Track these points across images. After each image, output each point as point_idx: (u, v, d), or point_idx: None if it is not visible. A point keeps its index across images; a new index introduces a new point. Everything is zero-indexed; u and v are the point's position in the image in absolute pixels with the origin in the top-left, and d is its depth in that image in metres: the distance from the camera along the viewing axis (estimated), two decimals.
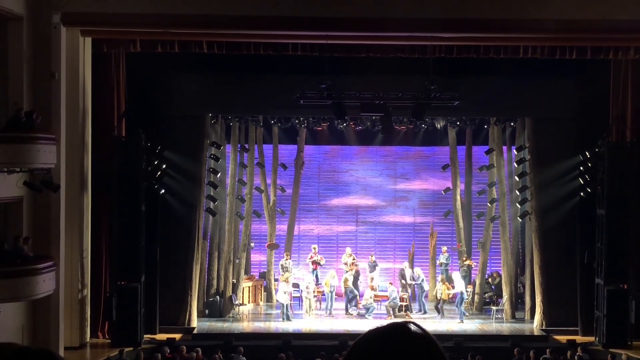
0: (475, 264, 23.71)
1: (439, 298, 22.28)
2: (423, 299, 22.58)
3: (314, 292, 22.20)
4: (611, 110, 20.09)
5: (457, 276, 22.57)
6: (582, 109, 20.54)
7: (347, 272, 23.15)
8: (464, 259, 23.62)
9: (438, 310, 22.22)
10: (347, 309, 22.30)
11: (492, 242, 23.37)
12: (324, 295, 22.84)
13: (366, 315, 21.86)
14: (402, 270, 22.98)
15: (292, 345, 18.93)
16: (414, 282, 22.81)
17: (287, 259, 23.32)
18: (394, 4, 17.53)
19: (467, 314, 22.29)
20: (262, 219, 24.26)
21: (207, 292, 22.34)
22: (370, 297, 22.13)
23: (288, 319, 21.41)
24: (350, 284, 22.43)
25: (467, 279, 23.48)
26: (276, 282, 22.67)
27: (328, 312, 22.08)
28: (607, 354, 18.16)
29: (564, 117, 20.94)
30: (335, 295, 22.54)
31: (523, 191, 21.77)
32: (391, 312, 21.88)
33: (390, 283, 22.63)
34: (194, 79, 20.73)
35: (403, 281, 22.78)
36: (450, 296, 22.57)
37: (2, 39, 16.51)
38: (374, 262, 23.30)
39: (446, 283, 22.47)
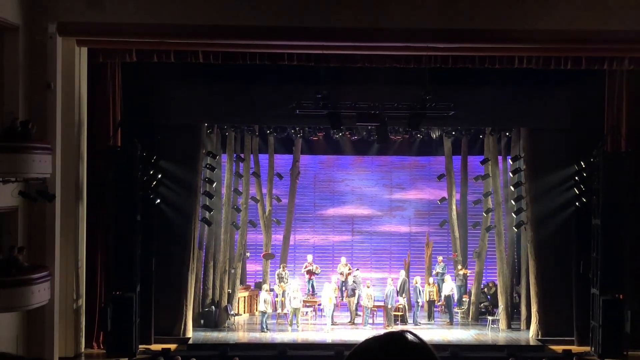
0: (470, 273, 23.73)
1: (429, 300, 22.83)
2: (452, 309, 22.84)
3: (301, 301, 22.06)
4: (606, 120, 20.14)
5: (448, 278, 22.77)
6: (577, 119, 20.59)
7: (343, 281, 23.19)
8: (460, 268, 23.65)
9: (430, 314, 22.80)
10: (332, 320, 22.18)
11: (488, 251, 23.37)
12: (320, 305, 22.79)
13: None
14: (404, 282, 22.92)
15: (288, 355, 18.88)
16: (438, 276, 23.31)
17: (283, 269, 23.30)
18: (390, 14, 17.57)
19: (459, 320, 22.48)
20: (257, 228, 24.22)
21: (203, 302, 22.29)
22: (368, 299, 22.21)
23: (267, 328, 21.37)
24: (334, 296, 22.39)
25: (463, 288, 23.51)
26: (271, 292, 22.63)
27: (329, 324, 21.92)
28: None
29: (559, 127, 20.98)
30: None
31: (518, 201, 21.79)
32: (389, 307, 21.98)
33: (392, 280, 22.60)
34: (189, 88, 20.73)
35: (403, 294, 22.73)
36: (440, 302, 22.87)
37: None
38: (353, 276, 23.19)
39: (435, 285, 22.89)
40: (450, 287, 22.72)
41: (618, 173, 19.20)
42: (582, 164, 19.98)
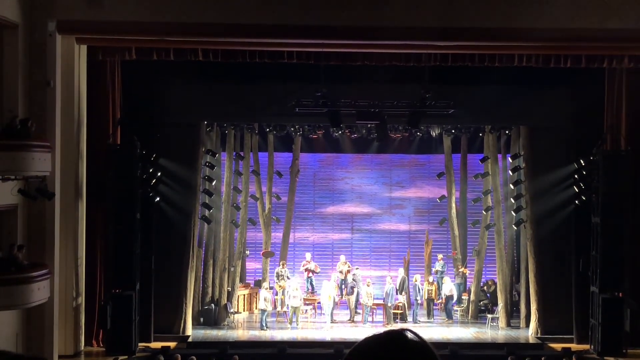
0: (470, 272, 23.74)
1: (428, 298, 22.83)
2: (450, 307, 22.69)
3: (301, 300, 21.99)
4: (606, 119, 20.14)
5: (447, 280, 22.80)
6: (577, 117, 20.59)
7: (342, 280, 23.19)
8: (459, 266, 23.63)
9: (429, 312, 22.82)
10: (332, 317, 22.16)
11: (487, 249, 23.37)
12: (319, 303, 22.79)
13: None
14: (404, 280, 22.91)
15: (287, 353, 18.89)
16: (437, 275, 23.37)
17: (283, 267, 23.28)
18: (390, 13, 17.56)
19: (458, 318, 22.47)
20: (257, 226, 24.22)
21: (202, 300, 22.29)
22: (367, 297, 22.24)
23: (267, 326, 21.34)
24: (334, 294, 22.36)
25: (463, 286, 23.51)
26: (271, 290, 22.61)
27: (329, 322, 21.91)
28: None
29: (558, 125, 20.98)
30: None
31: (518, 199, 21.80)
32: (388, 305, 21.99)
33: (391, 278, 22.59)
34: (189, 86, 20.72)
35: (402, 292, 22.74)
36: (440, 300, 22.86)
37: None
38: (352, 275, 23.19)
39: (435, 284, 22.90)
40: (449, 287, 22.66)
41: (617, 171, 19.19)
42: (582, 162, 19.96)
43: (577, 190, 20.20)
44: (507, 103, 20.96)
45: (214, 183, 22.33)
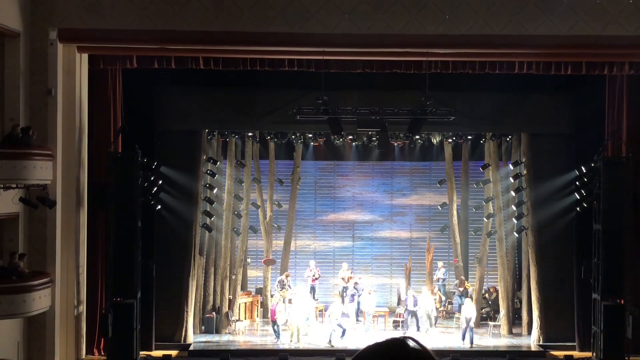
0: (471, 280, 23.72)
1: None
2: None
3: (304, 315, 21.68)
4: (607, 125, 20.14)
5: (467, 302, 21.38)
6: (578, 124, 20.61)
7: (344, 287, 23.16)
8: (462, 279, 23.48)
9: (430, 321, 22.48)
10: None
11: (489, 257, 23.35)
12: (320, 312, 22.74)
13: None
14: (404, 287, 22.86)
15: None
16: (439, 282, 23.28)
17: (286, 278, 23.18)
18: (390, 21, 17.59)
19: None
20: (258, 234, 24.23)
21: (204, 308, 22.27)
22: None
23: (278, 336, 21.19)
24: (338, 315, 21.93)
25: (464, 297, 23.48)
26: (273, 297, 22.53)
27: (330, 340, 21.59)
28: None
29: (559, 132, 21.01)
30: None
31: (519, 206, 21.79)
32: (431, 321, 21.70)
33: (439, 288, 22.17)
34: (190, 94, 20.76)
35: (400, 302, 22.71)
36: (443, 309, 22.79)
37: None
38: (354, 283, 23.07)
39: (438, 293, 22.77)
40: (470, 312, 20.96)
41: (619, 178, 19.16)
42: (583, 169, 19.93)
43: (578, 197, 20.17)
44: (508, 110, 20.98)
45: (215, 191, 22.35)
